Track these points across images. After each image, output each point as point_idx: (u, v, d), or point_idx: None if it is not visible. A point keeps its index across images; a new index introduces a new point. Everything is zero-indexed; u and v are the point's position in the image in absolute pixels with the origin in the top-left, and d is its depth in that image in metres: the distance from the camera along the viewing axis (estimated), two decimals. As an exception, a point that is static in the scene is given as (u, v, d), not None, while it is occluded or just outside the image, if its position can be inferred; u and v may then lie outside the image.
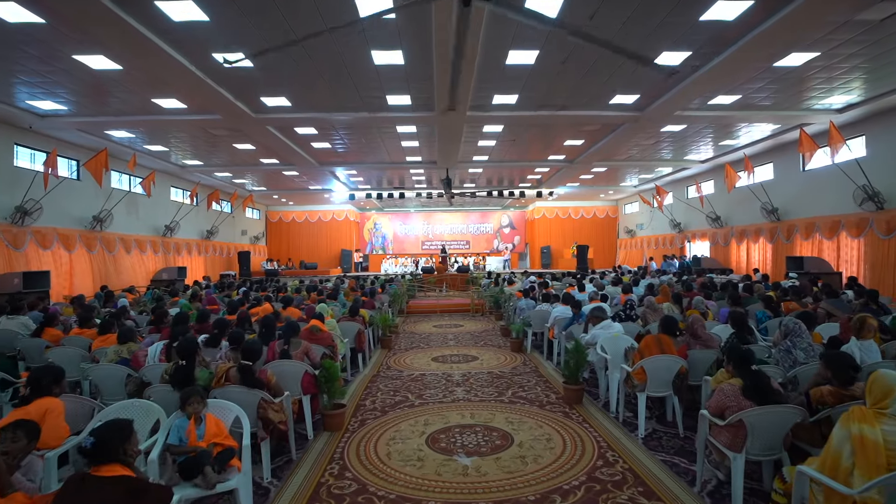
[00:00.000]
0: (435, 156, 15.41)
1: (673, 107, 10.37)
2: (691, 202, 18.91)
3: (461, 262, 25.22)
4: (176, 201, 17.51)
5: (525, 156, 15.82)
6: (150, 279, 15.54)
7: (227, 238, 21.98)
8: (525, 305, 7.67)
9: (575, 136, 13.27)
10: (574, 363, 4.66)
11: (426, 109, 10.51)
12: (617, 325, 4.94)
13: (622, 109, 10.73)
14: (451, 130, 11.92)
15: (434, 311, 13.06)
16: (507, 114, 10.79)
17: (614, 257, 27.32)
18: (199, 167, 16.51)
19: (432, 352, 7.85)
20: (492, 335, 9.40)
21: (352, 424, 4.59)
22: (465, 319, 11.75)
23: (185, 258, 18.05)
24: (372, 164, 16.68)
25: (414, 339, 9.24)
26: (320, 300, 6.86)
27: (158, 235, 16.52)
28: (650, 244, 23.27)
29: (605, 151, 14.93)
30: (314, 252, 27.00)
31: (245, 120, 10.78)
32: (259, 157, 15.11)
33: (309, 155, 14.92)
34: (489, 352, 7.74)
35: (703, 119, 11.43)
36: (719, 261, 17.22)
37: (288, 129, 11.92)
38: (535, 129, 12.50)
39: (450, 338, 9.25)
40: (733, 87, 9.41)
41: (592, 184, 21.94)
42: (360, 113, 10.61)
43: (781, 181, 14.31)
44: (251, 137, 12.58)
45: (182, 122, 11.05)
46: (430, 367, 6.85)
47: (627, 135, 12.78)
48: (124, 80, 8.63)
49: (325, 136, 12.78)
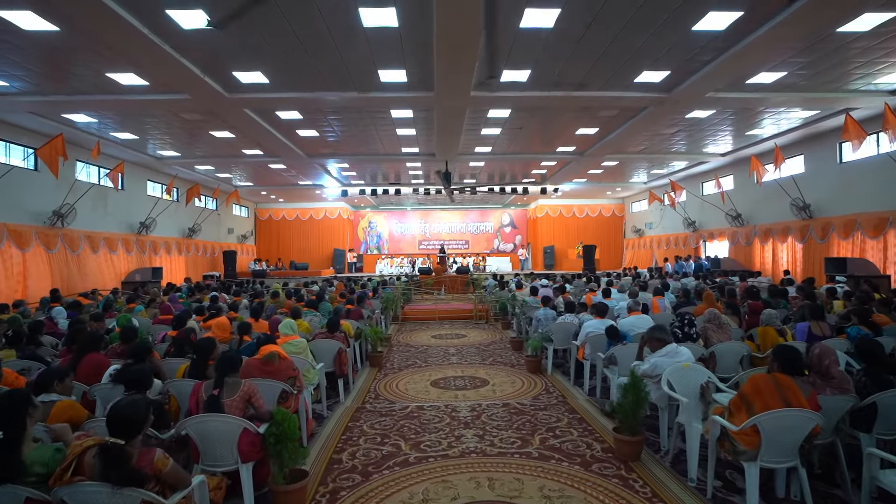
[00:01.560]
0: (433, 147, 14.10)
1: (706, 86, 9.09)
2: (708, 199, 17.65)
3: (460, 262, 23.92)
4: (153, 196, 16.14)
5: (531, 147, 14.53)
6: (122, 281, 14.18)
7: (211, 236, 20.62)
8: (544, 316, 6.38)
9: (588, 124, 11.98)
10: (632, 406, 3.35)
11: (424, 89, 9.21)
12: (685, 351, 3.64)
13: (647, 90, 9.45)
14: (452, 116, 10.61)
15: (433, 317, 11.77)
16: (517, 94, 9.49)
17: (620, 258, 26.07)
18: (178, 159, 15.16)
19: (431, 372, 6.49)
20: (500, 349, 8.12)
21: (317, 500, 3.15)
22: (467, 328, 10.45)
23: (162, 258, 16.69)
24: (365, 157, 15.36)
25: (409, 353, 7.89)
26: (293, 310, 5.56)
27: (132, 233, 15.15)
28: (660, 244, 22.02)
29: (619, 143, 13.66)
30: (305, 252, 25.66)
31: (218, 101, 9.45)
32: (241, 147, 13.77)
33: (295, 145, 13.59)
34: (501, 373, 6.38)
35: (736, 103, 10.16)
36: (740, 262, 15.97)
37: (268, 112, 10.59)
38: (545, 115, 11.20)
39: (451, 352, 7.89)
40: (780, 62, 8.14)
41: (600, 180, 20.67)
42: (348, 93, 9.30)
43: (814, 174, 13.05)
44: (228, 123, 11.24)
45: (147, 104, 9.70)
46: (429, 396, 5.48)
47: (647, 122, 11.50)
48: (67, 47, 7.29)
49: (311, 122, 11.45)
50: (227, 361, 3.08)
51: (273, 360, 3.61)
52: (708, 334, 4.51)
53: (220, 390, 2.92)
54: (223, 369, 3.03)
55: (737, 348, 4.42)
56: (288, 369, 3.68)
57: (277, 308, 6.88)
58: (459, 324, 11.15)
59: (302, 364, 4.21)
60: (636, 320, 5.16)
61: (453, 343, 8.72)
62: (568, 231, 26.05)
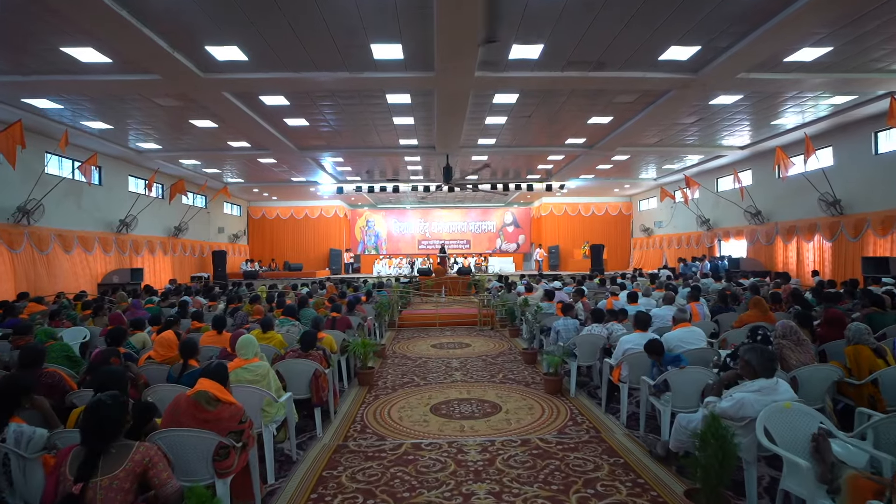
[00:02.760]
0: (433, 139, 13.12)
1: (738, 66, 8.11)
2: (725, 195, 16.66)
3: (461, 263, 22.91)
4: (136, 193, 15.10)
5: (538, 139, 13.54)
6: (98, 283, 13.19)
7: (199, 236, 19.62)
8: (565, 328, 5.37)
9: (603, 112, 10.98)
10: (719, 461, 2.33)
11: (423, 68, 8.23)
12: (784, 386, 2.64)
13: (673, 69, 8.46)
14: (454, 101, 9.63)
15: (432, 323, 10.77)
16: (526, 74, 8.50)
17: (628, 258, 25.08)
18: (160, 153, 14.15)
19: (431, 393, 5.43)
20: (510, 362, 7.05)
21: None
22: (471, 335, 9.46)
23: (145, 258, 15.69)
24: (361, 150, 14.36)
25: (406, 368, 6.81)
26: (263, 320, 4.55)
27: (111, 231, 14.15)
28: (671, 243, 21.03)
29: (633, 134, 12.68)
30: (300, 252, 24.65)
31: (193, 83, 8.46)
32: (225, 138, 12.77)
33: (284, 136, 12.60)
34: (514, 394, 5.32)
35: (767, 86, 9.17)
36: (761, 262, 14.99)
37: (251, 97, 9.59)
38: (555, 101, 10.21)
39: (454, 366, 6.82)
40: (828, 34, 7.15)
41: (608, 176, 19.69)
42: (338, 73, 8.31)
43: (845, 167, 12.06)
44: (209, 110, 10.25)
45: (114, 87, 8.71)
46: (429, 429, 4.37)
47: (667, 109, 10.52)
48: (13, 17, 6.31)
49: (300, 109, 10.46)
50: (97, 412, 1.86)
51: (205, 402, 2.56)
52: (784, 353, 3.52)
53: (94, 462, 1.83)
54: (92, 426, 1.85)
55: (825, 373, 3.42)
56: (232, 419, 2.60)
57: (250, 316, 5.89)
58: (462, 330, 10.13)
59: (258, 399, 3.21)
60: (685, 334, 4.17)
61: (456, 354, 7.71)
62: (573, 230, 25.05)
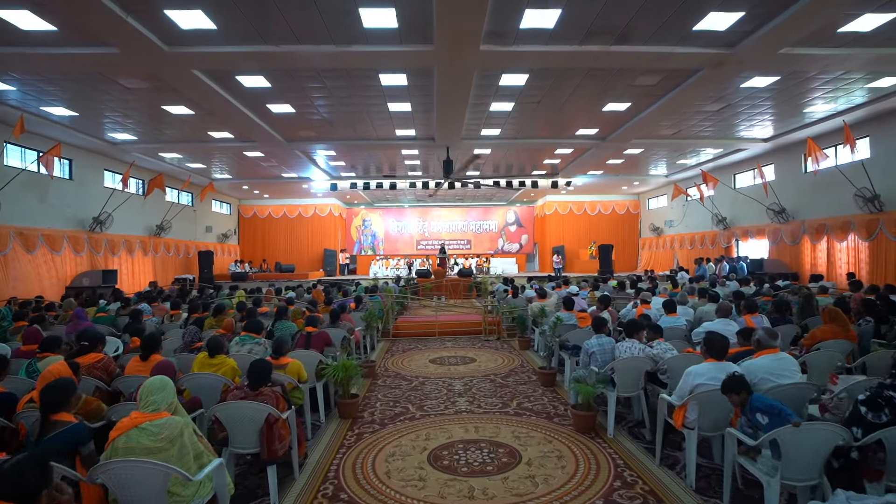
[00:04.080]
0: (433, 129, 12.04)
1: (783, 37, 7.04)
2: (745, 192, 15.57)
3: (461, 264, 21.81)
4: (113, 189, 13.95)
5: (547, 130, 12.44)
6: (66, 286, 12.08)
7: (185, 235, 18.50)
8: (600, 349, 4.26)
9: (621, 96, 9.89)
10: None
11: (420, 40, 7.14)
12: None
13: (707, 43, 7.39)
14: (456, 81, 8.54)
15: (431, 331, 9.65)
16: (539, 49, 7.41)
17: (636, 259, 24.00)
18: (137, 144, 13.05)
19: (430, 431, 4.26)
20: (524, 382, 5.89)
21: None
22: (475, 347, 8.33)
23: (122, 259, 14.58)
24: (354, 142, 13.27)
25: (399, 392, 5.62)
26: (209, 341, 3.48)
27: (83, 230, 13.04)
28: (682, 243, 19.95)
29: (650, 124, 11.61)
30: (293, 252, 23.55)
31: (157, 58, 7.37)
32: (204, 128, 11.67)
33: (269, 125, 11.50)
34: (536, 433, 4.14)
35: (811, 64, 8.10)
36: (785, 263, 13.90)
37: (226, 77, 8.49)
38: (569, 84, 9.13)
39: (457, 389, 5.65)
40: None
41: (618, 172, 18.59)
42: (323, 46, 7.22)
43: (885, 159, 10.97)
44: (181, 94, 9.15)
45: (65, 61, 7.60)
46: (427, 490, 3.22)
47: (692, 93, 9.45)
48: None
49: (283, 92, 9.36)
50: None
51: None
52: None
53: None
54: None
55: None
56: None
57: (215, 331, 4.75)
58: (465, 341, 9.00)
59: (159, 480, 2.11)
60: (774, 364, 3.04)
61: (459, 372, 6.58)
62: (579, 229, 23.97)
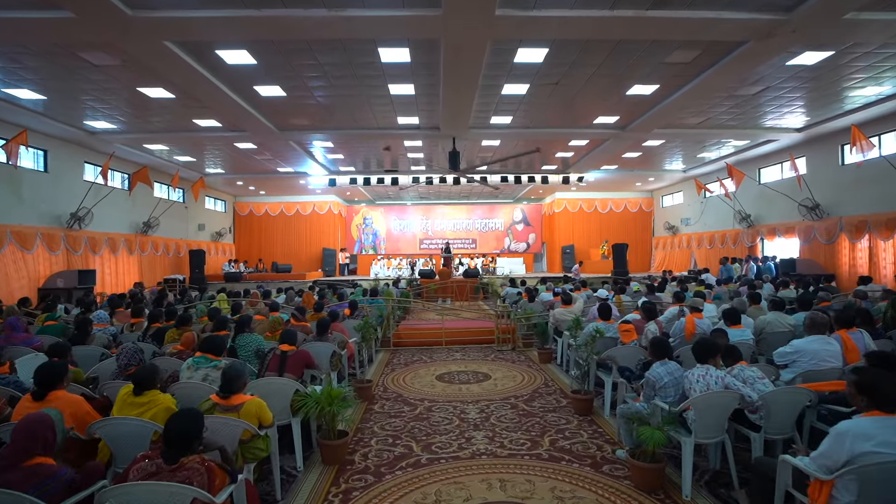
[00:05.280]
0: (438, 118, 11.01)
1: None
2: (773, 186, 14.48)
3: (467, 264, 20.78)
4: (96, 183, 12.91)
5: (563, 117, 11.39)
6: (38, 288, 11.10)
7: (176, 233, 17.53)
8: (670, 376, 3.21)
9: (649, 77, 8.85)
10: None
11: (427, 3, 6.11)
12: None
13: (760, 7, 6.33)
14: (466, 56, 7.51)
15: (437, 340, 8.54)
16: (564, 13, 6.36)
17: (649, 259, 22.92)
18: (117, 134, 12.06)
19: (441, 486, 3.26)
20: (553, 409, 4.83)
21: None
22: (488, 360, 7.23)
23: (105, 258, 13.60)
24: (353, 132, 12.26)
25: (399, 423, 4.55)
26: (135, 372, 2.49)
27: (59, 227, 12.05)
28: (700, 242, 18.86)
29: (677, 109, 10.58)
30: (291, 252, 22.57)
31: (121, 24, 6.36)
32: (188, 115, 10.67)
33: (259, 112, 10.49)
34: (586, 491, 3.15)
35: (880, 33, 7.02)
36: (819, 263, 12.82)
37: (204, 50, 7.47)
38: (593, 61, 8.10)
39: (472, 419, 4.58)
40: None
41: (633, 167, 17.55)
42: (313, 10, 6.20)
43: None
44: (156, 72, 8.14)
45: (13, 28, 6.60)
46: None
47: (731, 72, 8.40)
48: None
49: (271, 72, 8.36)
50: None
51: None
52: None
53: None
54: None
55: None
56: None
57: (171, 346, 3.73)
58: (476, 351, 7.94)
59: None
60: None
61: (472, 393, 5.51)
62: (589, 228, 22.90)
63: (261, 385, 3.45)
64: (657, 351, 3.40)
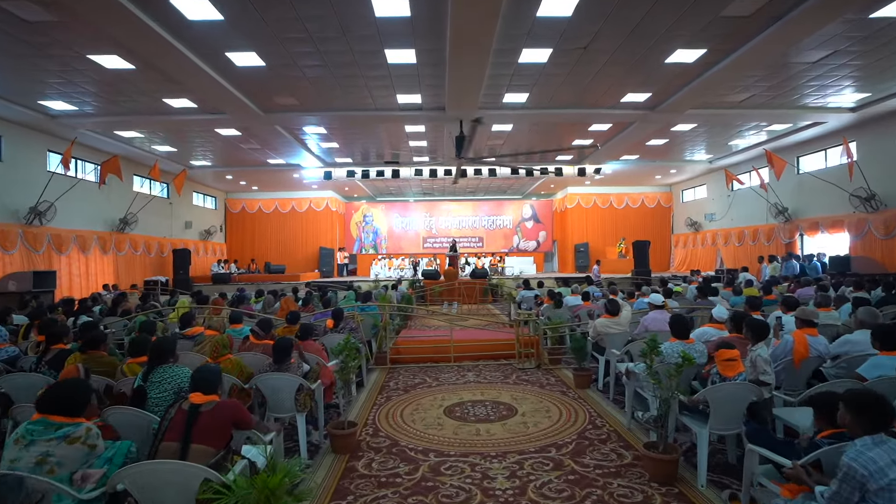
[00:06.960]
0: (443, 96, 9.59)
1: None
2: (819, 175, 12.95)
3: (474, 263, 19.34)
4: (56, 173, 11.56)
5: (588, 94, 9.91)
6: (-13, 291, 9.71)
7: (158, 231, 16.16)
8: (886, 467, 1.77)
9: (697, 37, 7.37)
10: None
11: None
12: None
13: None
14: (479, 10, 6.04)
15: (445, 356, 6.92)
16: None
17: (668, 258, 21.41)
18: (80, 117, 10.67)
19: None
20: (614, 469, 3.34)
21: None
22: (509, 383, 5.75)
23: (73, 257, 12.24)
24: (348, 114, 10.85)
25: (390, 498, 3.06)
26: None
27: (15, 222, 10.68)
28: (728, 239, 17.33)
29: (719, 83, 9.11)
30: (286, 251, 21.19)
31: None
32: (154, 91, 9.26)
33: (237, 88, 9.07)
34: None
35: None
36: (876, 260, 11.30)
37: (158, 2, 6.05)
38: (634, 14, 6.64)
39: (502, 494, 3.04)
40: None
41: (655, 157, 16.08)
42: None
43: None
44: (103, 32, 6.74)
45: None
46: None
47: (797, 30, 6.95)
48: None
49: (241, 28, 6.93)
50: None
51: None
52: None
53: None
54: None
55: None
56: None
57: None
58: (492, 370, 6.45)
59: None
60: None
61: (494, 437, 4.00)
62: (604, 225, 21.43)
63: (148, 471, 2.00)
64: (867, 415, 1.81)
